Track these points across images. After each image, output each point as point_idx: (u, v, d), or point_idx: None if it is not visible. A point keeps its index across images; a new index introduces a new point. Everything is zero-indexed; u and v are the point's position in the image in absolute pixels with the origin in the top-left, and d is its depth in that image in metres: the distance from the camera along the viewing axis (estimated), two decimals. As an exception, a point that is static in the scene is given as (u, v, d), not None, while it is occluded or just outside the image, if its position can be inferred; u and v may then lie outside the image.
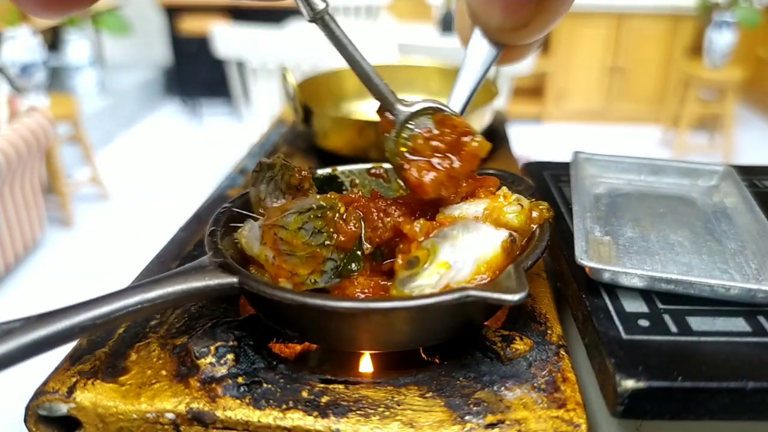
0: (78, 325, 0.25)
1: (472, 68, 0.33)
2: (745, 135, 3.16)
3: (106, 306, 0.26)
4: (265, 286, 0.28)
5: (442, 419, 0.27)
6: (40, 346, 0.24)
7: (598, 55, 3.32)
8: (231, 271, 0.29)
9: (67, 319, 0.25)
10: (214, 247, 0.31)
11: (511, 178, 0.39)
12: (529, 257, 0.30)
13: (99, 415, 0.29)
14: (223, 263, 0.30)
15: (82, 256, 2.09)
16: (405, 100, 0.32)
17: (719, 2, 2.77)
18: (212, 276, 0.29)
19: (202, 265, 0.30)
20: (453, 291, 0.27)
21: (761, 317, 0.32)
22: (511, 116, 2.87)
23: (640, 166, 0.46)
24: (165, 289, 0.28)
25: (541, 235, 0.32)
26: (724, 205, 0.43)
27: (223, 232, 0.33)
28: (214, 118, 3.40)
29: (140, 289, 0.27)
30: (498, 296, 0.26)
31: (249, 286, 0.28)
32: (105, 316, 0.26)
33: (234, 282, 0.29)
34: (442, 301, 0.26)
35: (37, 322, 0.25)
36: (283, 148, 0.63)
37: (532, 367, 0.31)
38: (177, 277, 0.29)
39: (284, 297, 0.27)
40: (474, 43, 0.32)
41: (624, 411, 0.27)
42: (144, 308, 0.27)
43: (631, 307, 0.32)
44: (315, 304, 0.27)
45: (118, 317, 0.26)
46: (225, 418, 0.28)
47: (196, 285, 0.28)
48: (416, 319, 0.29)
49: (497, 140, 0.65)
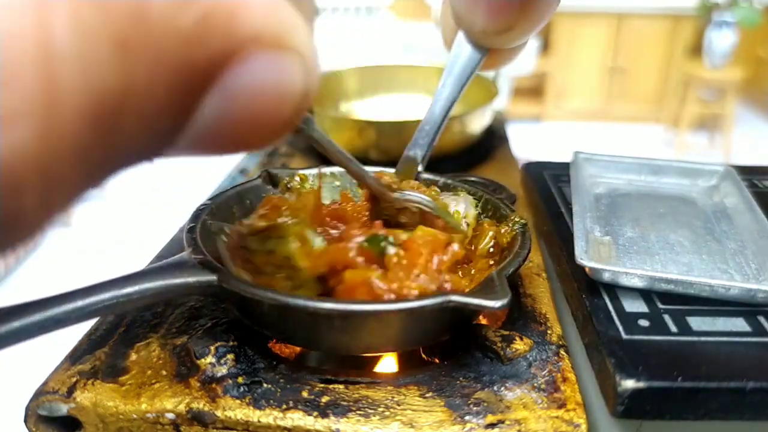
0: (52, 318, 0.24)
1: (455, 72, 0.33)
2: (745, 135, 3.16)
3: (81, 300, 0.25)
4: (245, 285, 0.27)
5: (442, 419, 0.27)
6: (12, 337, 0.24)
7: (598, 55, 3.32)
8: (210, 268, 0.29)
9: (41, 311, 0.24)
10: (193, 243, 0.30)
11: (493, 186, 0.39)
12: (511, 264, 0.30)
13: (99, 415, 0.29)
14: (203, 260, 0.29)
15: (82, 256, 2.10)
16: (396, 183, 0.33)
17: (719, 2, 2.77)
18: (191, 273, 0.28)
19: (182, 261, 0.29)
20: (434, 296, 0.27)
21: (761, 317, 0.32)
22: (511, 116, 2.87)
23: (640, 166, 0.46)
24: (142, 285, 0.27)
25: (523, 242, 0.32)
26: (724, 205, 0.43)
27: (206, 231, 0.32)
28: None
29: (117, 284, 0.26)
30: (479, 302, 0.26)
31: (228, 284, 0.28)
32: (79, 309, 0.25)
33: (213, 280, 0.28)
34: (423, 306, 0.26)
35: (9, 314, 0.24)
36: (283, 148, 0.63)
37: (532, 367, 0.31)
38: (155, 272, 0.28)
39: (265, 296, 0.26)
40: (458, 47, 0.32)
41: (624, 411, 0.27)
42: (120, 303, 0.26)
43: (631, 307, 0.32)
44: (297, 304, 0.26)
45: (93, 311, 0.26)
46: (225, 418, 0.28)
47: (174, 282, 0.28)
48: (396, 322, 0.29)
49: (497, 140, 0.65)
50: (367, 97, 0.71)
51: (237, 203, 0.37)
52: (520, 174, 0.53)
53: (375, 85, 0.71)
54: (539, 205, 0.45)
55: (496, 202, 0.37)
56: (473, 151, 0.60)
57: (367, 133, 0.55)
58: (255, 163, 0.60)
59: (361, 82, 0.71)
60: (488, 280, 0.28)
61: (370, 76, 0.71)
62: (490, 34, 0.29)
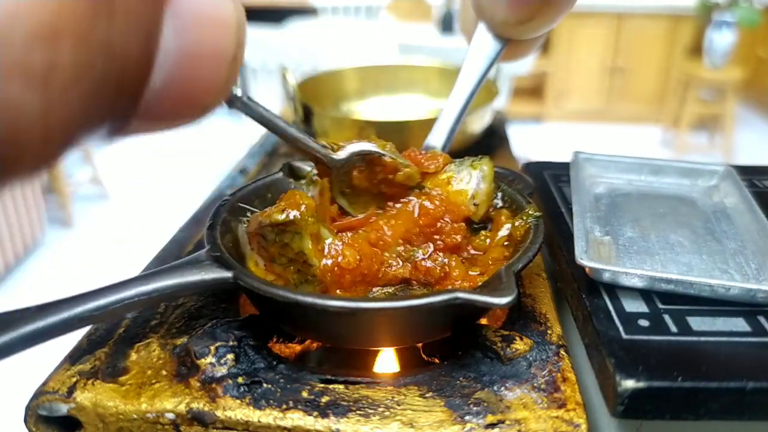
0: (77, 317, 0.25)
1: (475, 63, 0.33)
2: (745, 135, 3.16)
3: (104, 298, 0.26)
4: (259, 283, 0.28)
5: (442, 419, 0.27)
6: (39, 336, 0.25)
7: (598, 55, 3.32)
8: (226, 265, 0.29)
9: (66, 310, 0.25)
10: (212, 241, 0.31)
11: (512, 176, 0.39)
12: (520, 260, 0.30)
13: (99, 415, 0.29)
14: (220, 257, 0.30)
15: (82, 256, 2.09)
16: (337, 145, 0.33)
17: (719, 2, 2.77)
18: (208, 270, 0.29)
19: (199, 260, 0.30)
20: (442, 293, 0.27)
21: (761, 317, 0.32)
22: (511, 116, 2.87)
23: (640, 166, 0.46)
24: (161, 282, 0.28)
25: (534, 237, 0.32)
26: (724, 205, 0.43)
27: (226, 226, 0.33)
28: (213, 117, 3.39)
29: (138, 282, 0.27)
30: (486, 299, 0.26)
31: (243, 281, 0.28)
32: (103, 307, 0.26)
33: (229, 277, 0.29)
34: (431, 302, 0.27)
35: (36, 313, 0.25)
36: (283, 148, 0.63)
37: (532, 367, 0.31)
38: (173, 270, 0.29)
39: (277, 294, 0.27)
40: (478, 38, 0.32)
41: (624, 411, 0.27)
42: (141, 300, 0.27)
43: (631, 307, 0.32)
44: (306, 302, 0.27)
45: (116, 309, 0.27)
46: (225, 418, 0.28)
47: (192, 279, 0.28)
48: (405, 318, 0.29)
49: (497, 140, 0.65)
50: (367, 97, 0.71)
51: (258, 198, 0.37)
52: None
53: (375, 85, 0.71)
54: (539, 205, 0.45)
55: (512, 193, 0.36)
56: (473, 151, 0.60)
57: (367, 133, 0.55)
58: (255, 163, 0.60)
59: (361, 82, 0.71)
60: (496, 276, 0.28)
61: (370, 76, 0.71)
62: (511, 25, 0.29)
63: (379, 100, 0.71)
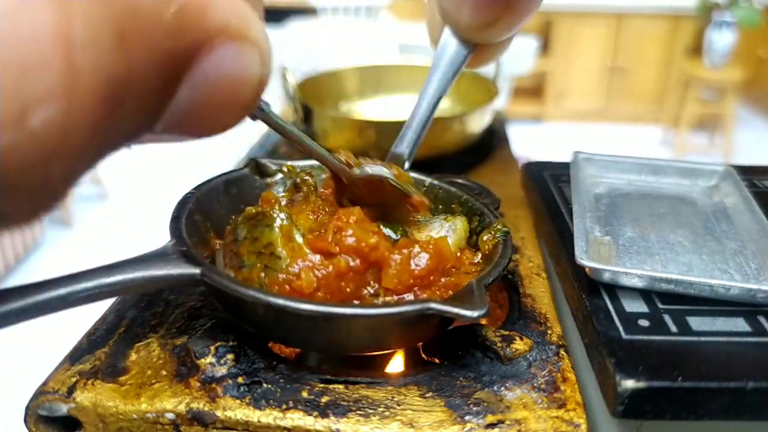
0: (34, 305, 0.24)
1: (441, 69, 0.33)
2: (745, 135, 3.16)
3: (64, 288, 0.25)
4: (228, 281, 0.27)
5: (442, 419, 0.27)
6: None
7: (598, 55, 3.32)
8: (194, 261, 0.28)
9: (23, 298, 0.24)
10: (177, 234, 0.30)
11: (478, 190, 0.39)
12: (490, 274, 0.30)
13: (99, 415, 0.29)
14: (186, 252, 0.28)
15: (82, 256, 2.09)
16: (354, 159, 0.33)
17: (719, 2, 2.77)
18: (174, 265, 0.28)
19: (165, 253, 0.29)
20: (414, 303, 0.27)
21: (761, 317, 0.32)
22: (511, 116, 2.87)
23: (640, 166, 0.46)
24: (125, 275, 0.27)
25: (504, 251, 0.32)
26: (724, 205, 0.43)
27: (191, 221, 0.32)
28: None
29: (99, 273, 0.26)
30: (457, 311, 0.26)
31: (211, 279, 0.27)
32: (63, 297, 0.25)
33: (196, 273, 0.28)
34: (403, 311, 0.27)
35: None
36: (283, 148, 0.63)
37: (532, 367, 0.31)
38: (138, 263, 0.27)
39: (247, 294, 0.26)
40: (444, 44, 0.32)
41: (624, 411, 0.27)
42: (103, 292, 0.26)
43: (631, 307, 0.32)
44: (278, 304, 0.26)
45: (77, 299, 0.25)
46: (225, 418, 0.28)
47: (157, 273, 0.27)
48: (375, 326, 0.29)
49: (497, 140, 0.65)
50: (367, 97, 0.71)
51: (222, 193, 0.36)
52: (520, 174, 0.53)
53: (375, 85, 0.71)
54: (539, 205, 0.45)
55: (481, 208, 0.37)
56: (473, 151, 0.60)
57: (367, 133, 0.55)
58: (255, 163, 0.60)
59: (361, 82, 0.71)
60: (467, 288, 0.28)
61: (370, 76, 0.71)
62: (476, 29, 0.29)
63: (379, 100, 0.71)
